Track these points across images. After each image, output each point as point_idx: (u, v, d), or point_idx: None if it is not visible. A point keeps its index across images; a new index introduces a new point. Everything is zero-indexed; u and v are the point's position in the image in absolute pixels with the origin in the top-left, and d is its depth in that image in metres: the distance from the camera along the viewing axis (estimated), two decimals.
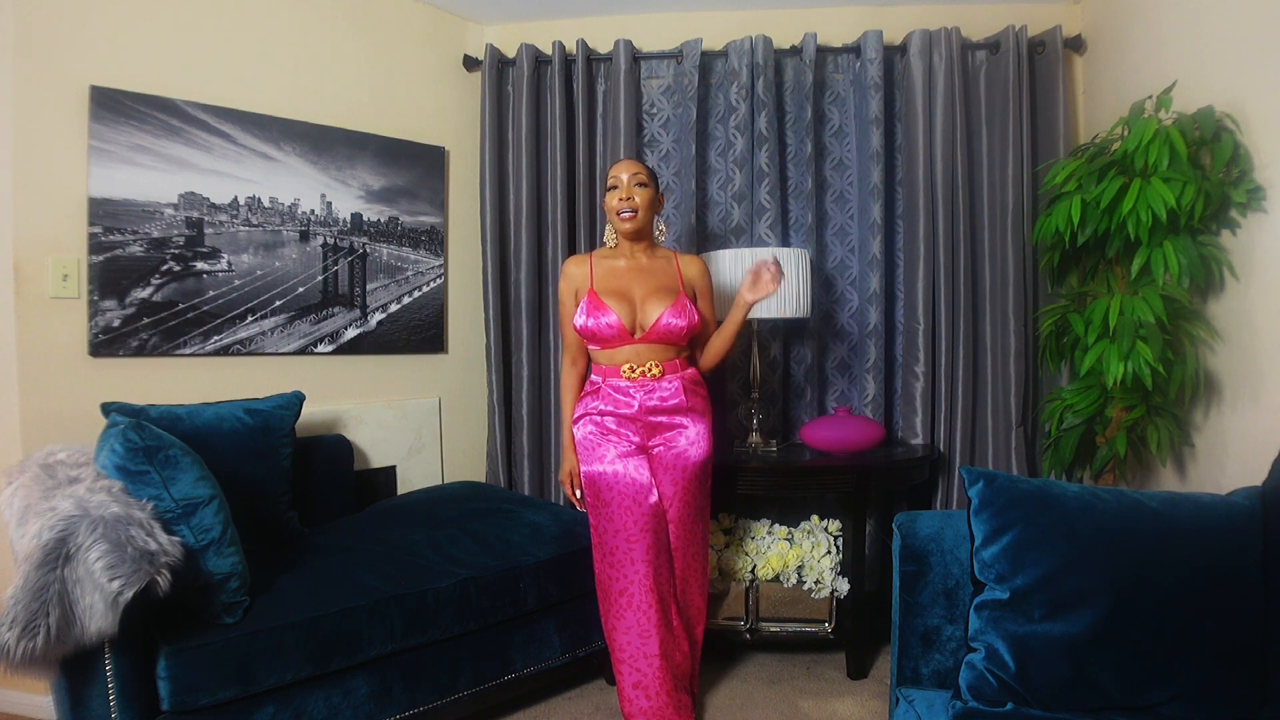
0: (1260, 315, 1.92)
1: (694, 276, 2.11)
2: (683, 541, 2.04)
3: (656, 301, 2.00)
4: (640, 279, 2.04)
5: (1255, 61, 1.91)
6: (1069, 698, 1.27)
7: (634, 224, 2.01)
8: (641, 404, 1.99)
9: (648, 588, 1.94)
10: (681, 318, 1.99)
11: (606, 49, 2.86)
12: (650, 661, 1.95)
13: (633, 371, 1.98)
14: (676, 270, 2.09)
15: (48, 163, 2.04)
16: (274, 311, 2.44)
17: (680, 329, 1.99)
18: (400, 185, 2.75)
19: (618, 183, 2.01)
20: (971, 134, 2.76)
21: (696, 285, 2.12)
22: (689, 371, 2.07)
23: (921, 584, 1.47)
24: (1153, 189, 1.94)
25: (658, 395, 1.99)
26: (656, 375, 1.99)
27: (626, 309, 1.99)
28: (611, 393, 2.00)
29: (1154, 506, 1.34)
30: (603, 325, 1.97)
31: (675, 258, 2.12)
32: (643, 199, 2.00)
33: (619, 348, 2.00)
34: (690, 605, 2.09)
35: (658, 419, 2.01)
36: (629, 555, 1.95)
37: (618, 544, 1.97)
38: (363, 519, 2.34)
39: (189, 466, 1.59)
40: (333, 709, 1.73)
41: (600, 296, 1.99)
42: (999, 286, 2.72)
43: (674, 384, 2.01)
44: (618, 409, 2.00)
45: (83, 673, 1.44)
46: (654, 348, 2.00)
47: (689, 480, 2.02)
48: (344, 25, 2.63)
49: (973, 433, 2.76)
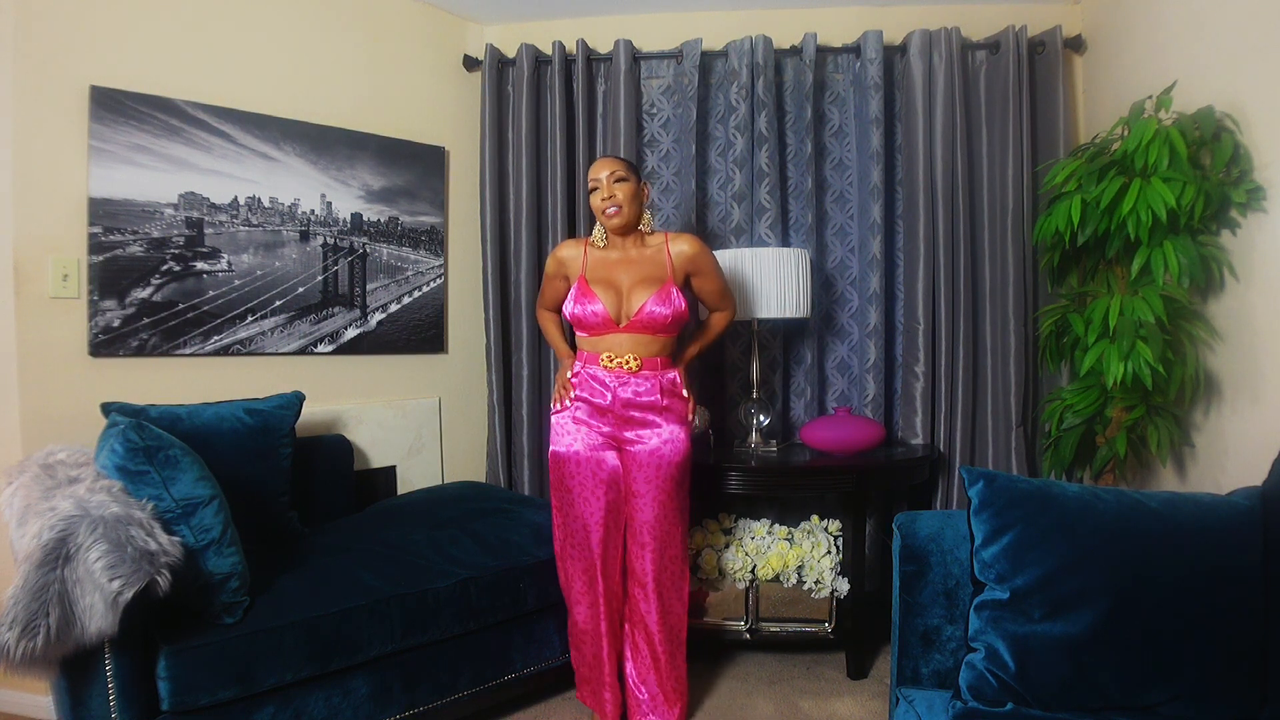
0: (1260, 315, 1.92)
1: (688, 256, 2.05)
2: (657, 544, 2.00)
3: (642, 290, 2.00)
4: (629, 269, 2.04)
5: (1255, 61, 1.91)
6: (1069, 698, 1.27)
7: (620, 219, 2.02)
8: (616, 396, 2.00)
9: (600, 570, 2.01)
10: (665, 306, 1.98)
11: (606, 49, 2.86)
12: (597, 640, 2.03)
13: (610, 361, 2.00)
14: (666, 258, 2.06)
15: (48, 163, 2.04)
16: (274, 311, 2.44)
17: (664, 317, 1.98)
18: (400, 185, 2.75)
19: (597, 184, 2.03)
20: (971, 134, 2.76)
21: (692, 264, 2.06)
22: (669, 374, 2.04)
23: (921, 584, 1.47)
24: (1153, 189, 1.94)
25: (632, 389, 2.00)
26: (633, 369, 1.99)
27: (614, 298, 2.00)
28: (589, 380, 2.03)
29: (1154, 506, 1.34)
30: (589, 313, 1.99)
31: (666, 243, 2.07)
32: (625, 194, 2.01)
33: (603, 335, 2.02)
34: (670, 613, 2.04)
35: (631, 413, 2.00)
36: (585, 539, 2.01)
37: (575, 529, 2.02)
38: (363, 519, 2.34)
39: (189, 466, 1.59)
40: (333, 709, 1.73)
41: (590, 284, 2.02)
42: (999, 286, 2.72)
43: (650, 383, 2.01)
44: (592, 397, 2.02)
45: (83, 673, 1.44)
46: (637, 339, 2.00)
47: (663, 479, 2.00)
48: (344, 25, 2.63)
49: (973, 433, 2.76)
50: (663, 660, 2.03)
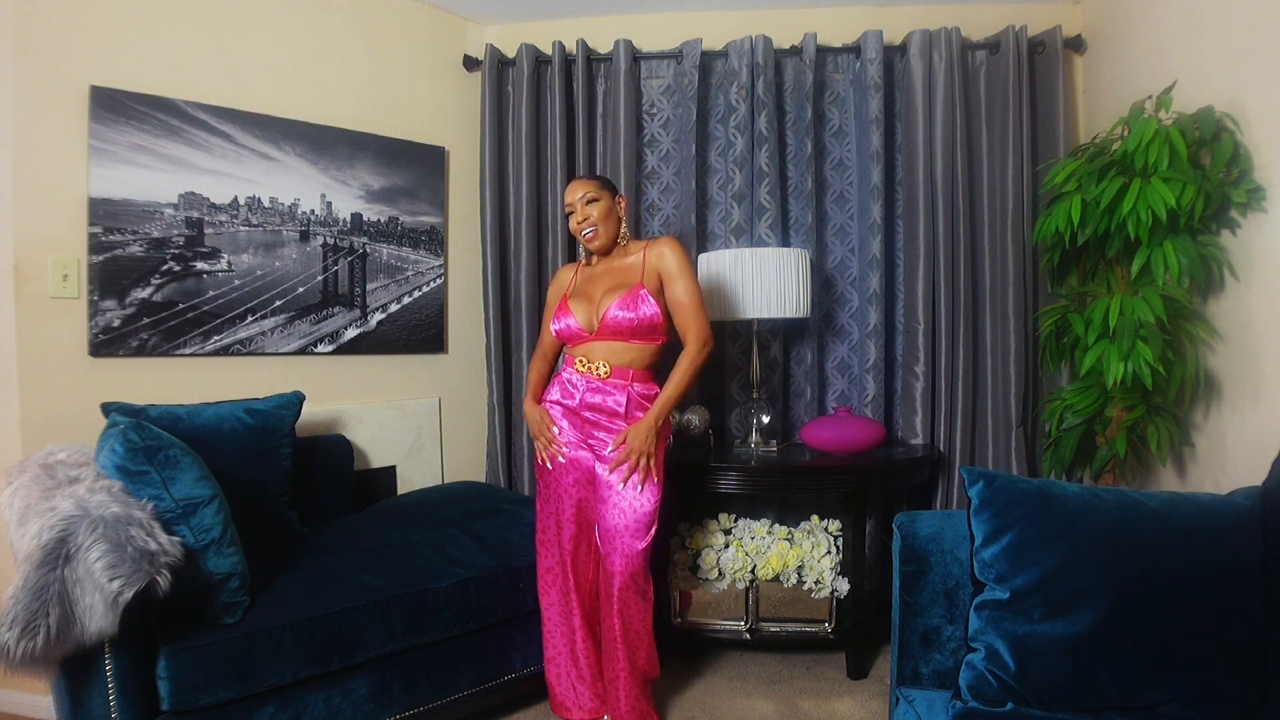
0: (1260, 315, 1.92)
1: (658, 253, 2.00)
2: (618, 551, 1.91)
3: (609, 298, 1.99)
4: (604, 280, 2.06)
5: (1255, 61, 1.91)
6: (1069, 698, 1.27)
7: (599, 240, 2.05)
8: (582, 399, 2.01)
9: (569, 564, 2.01)
10: (629, 309, 1.94)
11: (606, 49, 2.86)
12: (566, 640, 2.02)
13: (583, 366, 2.02)
14: (641, 264, 2.02)
15: (48, 163, 2.04)
16: (274, 311, 2.44)
17: (629, 321, 1.94)
18: (400, 185, 2.75)
19: (572, 208, 2.06)
20: (971, 134, 2.76)
21: (661, 261, 2.00)
22: (642, 387, 2.00)
23: (921, 584, 1.47)
24: (1153, 189, 1.94)
25: (599, 395, 2.00)
26: (602, 375, 1.99)
27: (587, 310, 2.02)
28: (564, 382, 2.06)
29: (1154, 506, 1.34)
30: (565, 326, 2.04)
31: (645, 249, 2.04)
32: (599, 213, 2.03)
33: (579, 345, 2.05)
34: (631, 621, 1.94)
35: (593, 416, 1.99)
36: (558, 537, 2.02)
37: (548, 524, 2.03)
38: (363, 519, 2.34)
39: (189, 466, 1.59)
40: (333, 709, 1.73)
41: (569, 300, 2.06)
42: (999, 286, 2.72)
43: (618, 392, 1.98)
44: (563, 398, 2.05)
45: (83, 673, 1.44)
46: (609, 346, 1.99)
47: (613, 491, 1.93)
48: (344, 25, 2.63)
49: (973, 433, 2.76)
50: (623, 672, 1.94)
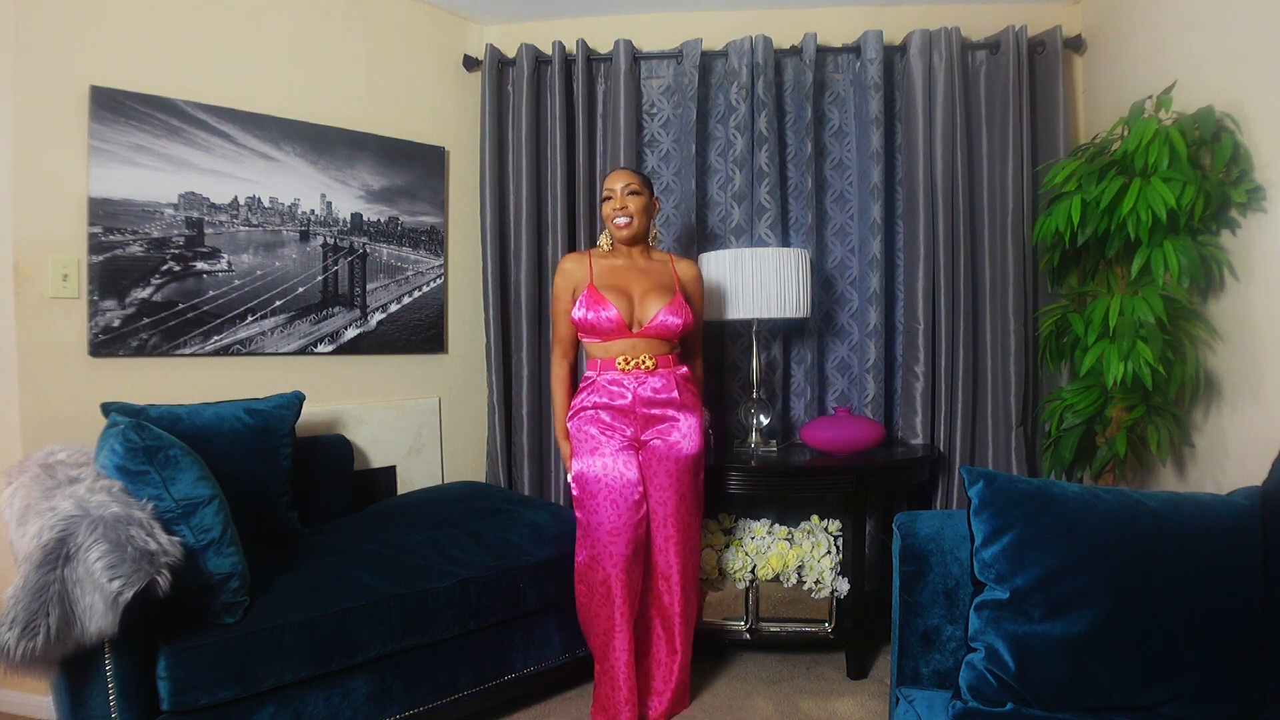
0: (1260, 315, 1.92)
1: (687, 280, 2.20)
2: (680, 536, 2.08)
3: (655, 299, 2.08)
4: (639, 277, 2.12)
5: (1255, 61, 1.91)
6: (1069, 698, 1.27)
7: (630, 231, 2.11)
8: (636, 394, 2.05)
9: (623, 583, 1.99)
10: (678, 316, 2.07)
11: (606, 49, 2.85)
12: (620, 656, 2.00)
13: (627, 364, 2.05)
14: (673, 271, 2.19)
15: (48, 163, 2.04)
16: (274, 311, 2.44)
17: (676, 326, 2.07)
18: (400, 185, 2.75)
19: (611, 194, 2.11)
20: (971, 134, 2.76)
21: (688, 289, 2.19)
22: (681, 369, 2.14)
23: (921, 584, 1.47)
24: (1153, 189, 1.94)
25: (650, 387, 2.06)
26: (650, 368, 2.06)
27: (625, 304, 2.07)
28: (606, 385, 2.07)
29: (1154, 506, 1.34)
30: (602, 319, 2.04)
31: (671, 261, 2.21)
32: (636, 206, 2.10)
33: (614, 341, 2.07)
34: (690, 604, 2.12)
35: (651, 410, 2.07)
36: (609, 550, 1.99)
37: (600, 536, 2.00)
38: (363, 519, 2.34)
39: (189, 466, 1.59)
40: (333, 709, 1.73)
41: (600, 291, 2.06)
42: (999, 286, 2.72)
43: (666, 378, 2.08)
44: (612, 400, 2.06)
45: (83, 673, 1.44)
46: (649, 342, 2.08)
47: (682, 473, 2.08)
48: (344, 25, 2.63)
49: (973, 433, 2.76)
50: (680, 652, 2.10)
